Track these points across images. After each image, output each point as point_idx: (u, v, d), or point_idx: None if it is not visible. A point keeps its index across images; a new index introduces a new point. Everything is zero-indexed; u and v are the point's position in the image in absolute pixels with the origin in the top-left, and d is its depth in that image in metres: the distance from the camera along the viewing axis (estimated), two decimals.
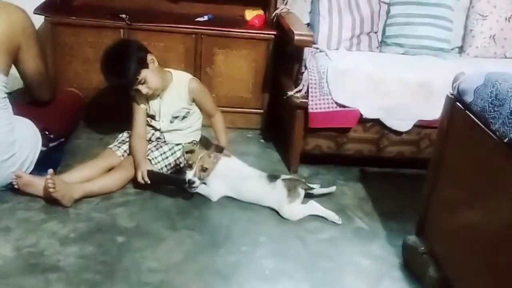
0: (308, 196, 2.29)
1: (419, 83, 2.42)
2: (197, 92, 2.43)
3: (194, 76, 2.57)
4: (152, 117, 2.44)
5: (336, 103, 2.40)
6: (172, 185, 2.30)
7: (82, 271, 1.77)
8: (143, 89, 2.29)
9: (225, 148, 2.40)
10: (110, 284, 1.72)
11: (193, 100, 2.44)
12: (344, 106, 2.42)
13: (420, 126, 2.48)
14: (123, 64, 2.22)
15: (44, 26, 2.70)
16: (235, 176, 2.29)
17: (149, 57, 2.31)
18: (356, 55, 2.67)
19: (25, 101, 2.38)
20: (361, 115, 2.43)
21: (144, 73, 2.26)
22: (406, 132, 2.49)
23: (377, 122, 2.47)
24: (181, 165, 2.41)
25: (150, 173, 2.24)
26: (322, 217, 2.20)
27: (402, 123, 2.46)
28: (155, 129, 2.47)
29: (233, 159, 2.37)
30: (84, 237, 1.95)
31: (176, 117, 2.44)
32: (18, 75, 2.23)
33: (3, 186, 2.15)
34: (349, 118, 2.45)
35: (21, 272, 1.74)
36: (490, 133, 1.47)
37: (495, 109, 1.46)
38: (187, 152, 2.29)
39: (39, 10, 2.67)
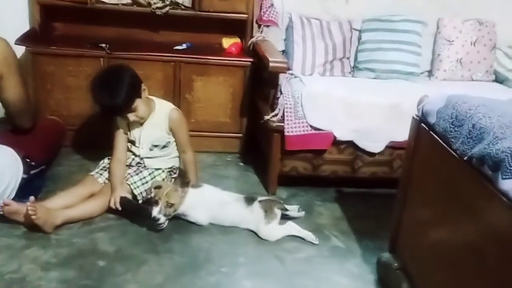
0: (285, 217, 2.34)
1: (390, 106, 2.53)
2: (176, 122, 2.48)
3: (173, 102, 2.64)
4: (133, 142, 2.49)
5: (310, 126, 2.49)
6: (142, 216, 2.27)
7: None
8: (131, 116, 2.34)
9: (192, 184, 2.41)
10: None
11: (171, 130, 2.48)
12: (318, 129, 2.50)
13: (392, 147, 2.57)
14: (120, 89, 2.24)
15: (25, 55, 2.76)
16: (213, 202, 2.33)
17: (142, 87, 2.37)
18: (329, 80, 2.78)
19: (7, 129, 2.41)
20: (335, 137, 2.52)
21: (137, 102, 2.32)
22: (379, 153, 2.58)
23: (350, 144, 2.56)
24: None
25: (123, 201, 2.27)
26: (300, 237, 2.26)
27: (374, 144, 2.56)
28: (135, 155, 2.52)
29: (207, 187, 2.40)
30: (66, 262, 1.98)
31: (156, 146, 2.49)
32: None
33: None
34: (323, 141, 2.53)
35: None
36: (452, 152, 1.56)
37: (455, 129, 1.55)
38: (154, 188, 2.30)
39: (20, 40, 2.73)
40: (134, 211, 2.31)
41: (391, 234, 1.98)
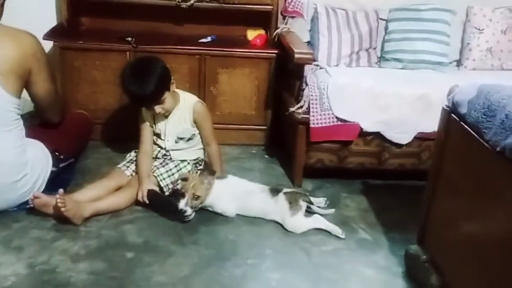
0: (311, 211, 2.33)
1: (417, 96, 2.48)
2: (200, 115, 2.48)
3: (198, 95, 2.65)
4: (158, 135, 2.51)
5: (336, 117, 2.47)
6: (169, 209, 2.29)
7: (93, 287, 1.82)
8: (157, 108, 2.35)
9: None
10: None
11: (195, 122, 2.49)
12: (344, 121, 2.48)
13: (421, 138, 2.53)
14: (151, 80, 2.25)
15: (53, 50, 2.79)
16: (238, 193, 2.33)
17: (172, 80, 2.38)
18: (355, 70, 2.74)
19: (36, 124, 2.46)
20: (362, 128, 2.50)
21: (166, 95, 2.34)
22: (406, 145, 2.55)
23: (377, 135, 2.53)
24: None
25: (151, 193, 2.29)
26: (327, 230, 2.25)
27: (402, 135, 2.52)
28: (161, 147, 2.54)
29: (232, 178, 2.40)
30: (94, 253, 2.01)
31: (181, 138, 2.50)
32: (29, 98, 2.31)
33: (15, 206, 2.22)
34: (350, 132, 2.50)
35: None
36: (484, 143, 1.52)
37: (488, 119, 1.51)
38: (181, 180, 2.32)
39: (48, 35, 2.77)
40: (161, 204, 2.32)
41: (420, 226, 1.95)
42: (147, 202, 2.29)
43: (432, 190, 1.87)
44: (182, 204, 2.20)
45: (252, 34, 3.09)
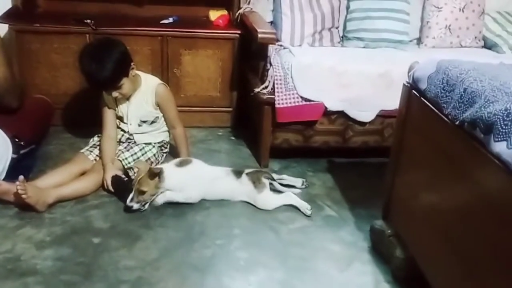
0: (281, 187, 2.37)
1: (379, 75, 2.52)
2: (162, 97, 2.45)
3: (161, 77, 2.62)
4: (121, 119, 2.47)
5: (301, 97, 2.48)
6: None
7: (60, 273, 1.80)
8: (114, 93, 2.31)
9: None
10: (88, 284, 1.76)
11: (158, 105, 2.46)
12: (309, 100, 2.50)
13: (383, 116, 2.58)
14: (108, 65, 2.19)
15: (9, 34, 2.70)
16: (204, 180, 2.30)
17: (132, 65, 2.33)
18: (318, 50, 2.76)
19: None
20: (326, 107, 2.52)
21: (124, 81, 2.29)
22: (369, 122, 2.59)
23: (341, 114, 2.56)
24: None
25: (114, 179, 2.26)
26: (295, 207, 2.27)
27: (365, 113, 2.56)
28: (124, 131, 2.50)
29: (195, 164, 2.35)
30: (60, 240, 1.98)
31: (144, 121, 2.47)
32: None
33: None
34: (314, 111, 2.53)
35: None
36: (444, 117, 1.56)
37: (447, 94, 1.55)
38: (135, 167, 2.29)
39: (3, 18, 2.67)
40: (125, 190, 2.28)
41: (384, 201, 2.00)
42: (112, 190, 2.26)
43: (394, 166, 1.91)
44: (128, 200, 2.16)
45: (214, 14, 3.06)
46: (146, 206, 2.21)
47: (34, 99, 2.65)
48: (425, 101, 1.68)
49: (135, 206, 2.17)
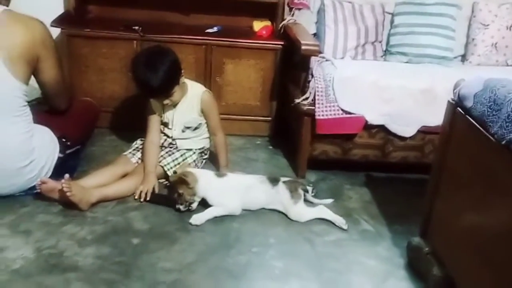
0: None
1: (422, 90, 2.50)
2: (207, 104, 2.51)
3: (204, 85, 2.67)
4: (165, 124, 2.53)
5: (342, 110, 2.49)
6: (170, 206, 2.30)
7: (99, 271, 1.85)
8: (166, 100, 2.38)
9: (226, 168, 2.53)
10: (127, 283, 1.80)
11: (202, 112, 2.52)
12: (349, 113, 2.50)
13: (424, 131, 2.55)
14: (162, 73, 2.26)
15: (61, 37, 2.80)
16: (240, 189, 2.31)
17: (182, 73, 2.41)
18: (361, 63, 2.76)
19: (43, 110, 2.47)
20: (366, 121, 2.52)
21: (175, 88, 2.37)
22: (410, 138, 2.57)
23: (382, 128, 2.55)
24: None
25: (152, 198, 2.31)
26: (330, 221, 2.27)
27: (406, 128, 2.54)
28: (168, 136, 2.56)
29: (231, 176, 2.37)
30: (101, 239, 2.04)
31: (188, 127, 2.53)
32: (36, 85, 2.32)
33: (22, 191, 2.24)
34: (354, 124, 2.52)
35: (42, 272, 1.82)
36: (489, 136, 1.54)
37: (494, 113, 1.53)
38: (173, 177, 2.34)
39: (56, 22, 2.78)
40: (166, 200, 2.32)
41: (423, 218, 1.97)
42: (147, 200, 2.30)
43: (435, 183, 1.89)
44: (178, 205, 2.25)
45: (258, 25, 3.10)
46: (194, 205, 2.27)
47: (81, 101, 2.74)
48: (471, 119, 1.66)
49: (181, 208, 2.24)
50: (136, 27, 2.84)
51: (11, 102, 2.10)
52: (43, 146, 2.26)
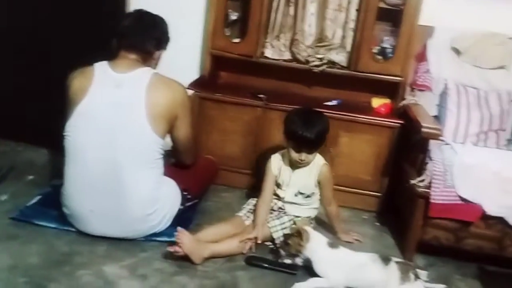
0: None
1: None
2: (325, 177, 2.61)
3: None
4: (279, 185, 2.63)
5: (459, 196, 2.42)
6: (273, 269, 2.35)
7: None
8: (308, 156, 2.53)
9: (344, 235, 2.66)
10: None
11: (319, 182, 2.61)
12: (467, 201, 2.43)
13: None
14: (321, 128, 2.51)
15: (194, 99, 3.04)
16: (352, 265, 2.29)
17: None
18: (483, 151, 2.69)
19: (170, 163, 2.67)
20: (484, 211, 2.42)
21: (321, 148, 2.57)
22: None
23: (500, 220, 2.44)
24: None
25: (253, 260, 2.39)
26: None
27: None
28: (278, 199, 2.65)
29: (344, 250, 2.37)
30: None
31: (301, 193, 2.61)
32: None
33: (143, 236, 2.42)
34: (471, 213, 2.44)
35: None
36: None
37: None
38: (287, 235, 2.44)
39: (192, 85, 3.06)
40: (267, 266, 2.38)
41: None
42: (249, 262, 2.38)
43: None
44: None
45: (377, 102, 3.15)
46: (298, 261, 2.35)
47: (204, 158, 2.93)
48: None
49: (283, 253, 2.35)
50: (262, 96, 3.03)
51: (149, 154, 2.32)
52: (169, 197, 2.45)
